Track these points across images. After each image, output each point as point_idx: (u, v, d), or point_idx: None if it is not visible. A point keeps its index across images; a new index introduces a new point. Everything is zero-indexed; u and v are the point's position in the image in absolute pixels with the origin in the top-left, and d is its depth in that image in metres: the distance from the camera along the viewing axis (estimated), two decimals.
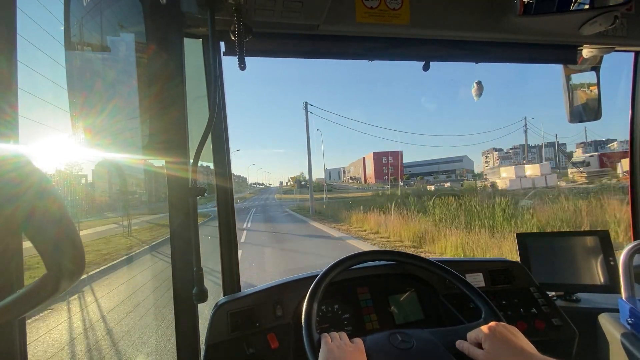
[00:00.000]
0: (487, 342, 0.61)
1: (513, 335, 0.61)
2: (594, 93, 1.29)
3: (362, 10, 0.91)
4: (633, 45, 1.16)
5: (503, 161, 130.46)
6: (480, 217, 8.26)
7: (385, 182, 72.31)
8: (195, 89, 0.94)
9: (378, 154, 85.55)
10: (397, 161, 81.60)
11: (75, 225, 0.26)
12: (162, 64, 0.85)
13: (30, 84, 1.00)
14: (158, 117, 0.84)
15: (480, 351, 0.61)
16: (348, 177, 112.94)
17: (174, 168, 0.86)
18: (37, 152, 0.77)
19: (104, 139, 0.77)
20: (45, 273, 0.26)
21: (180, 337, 0.87)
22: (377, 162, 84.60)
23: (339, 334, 0.68)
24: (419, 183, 52.67)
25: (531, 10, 0.91)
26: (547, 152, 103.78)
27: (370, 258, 0.90)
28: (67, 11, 0.68)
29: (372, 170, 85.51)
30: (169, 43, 0.86)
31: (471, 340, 0.65)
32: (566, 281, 1.13)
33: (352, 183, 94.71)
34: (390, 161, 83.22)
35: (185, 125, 0.88)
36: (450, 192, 17.47)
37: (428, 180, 64.09)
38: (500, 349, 0.59)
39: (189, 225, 0.85)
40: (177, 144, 0.86)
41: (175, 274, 0.87)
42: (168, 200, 0.86)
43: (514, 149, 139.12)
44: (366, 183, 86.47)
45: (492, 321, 0.67)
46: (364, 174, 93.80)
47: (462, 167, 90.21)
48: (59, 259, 0.25)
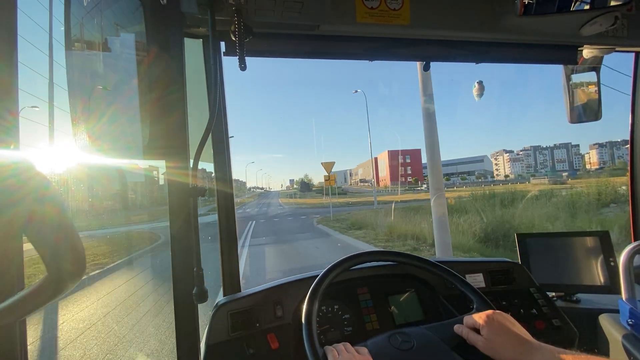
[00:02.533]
0: (485, 327, 0.62)
1: (509, 322, 0.63)
2: (594, 93, 1.29)
3: (362, 11, 0.91)
4: (633, 45, 1.16)
5: (514, 163, 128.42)
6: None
7: (403, 184, 65.50)
8: (195, 90, 0.94)
9: (393, 153, 76.18)
10: (416, 161, 73.00)
11: (75, 228, 0.26)
12: (162, 64, 0.85)
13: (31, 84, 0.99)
14: (158, 118, 0.84)
15: (479, 336, 0.62)
16: (356, 179, 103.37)
17: (174, 168, 0.86)
18: (38, 154, 0.77)
19: (104, 139, 0.77)
20: (45, 275, 0.26)
21: (180, 338, 0.87)
22: (392, 162, 75.40)
23: (344, 345, 0.66)
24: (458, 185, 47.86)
25: (531, 11, 0.91)
26: (559, 153, 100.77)
27: (370, 259, 0.90)
28: (68, 12, 0.68)
29: (387, 171, 76.50)
30: (169, 43, 0.86)
31: (468, 325, 0.66)
32: (566, 282, 1.13)
33: (363, 186, 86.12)
34: (407, 161, 74.76)
35: (185, 125, 0.88)
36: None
37: (454, 182, 59.91)
38: (498, 334, 0.60)
39: (189, 226, 0.85)
40: (177, 144, 0.86)
41: (175, 274, 0.87)
42: (168, 200, 0.86)
43: (525, 151, 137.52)
44: (379, 186, 77.41)
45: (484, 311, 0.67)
46: (376, 175, 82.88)
47: (482, 167, 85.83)
48: (59, 261, 0.25)
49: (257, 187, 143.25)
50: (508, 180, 56.05)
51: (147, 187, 16.22)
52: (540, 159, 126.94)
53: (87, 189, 9.26)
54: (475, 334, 0.63)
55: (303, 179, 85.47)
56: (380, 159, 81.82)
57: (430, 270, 0.87)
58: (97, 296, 4.56)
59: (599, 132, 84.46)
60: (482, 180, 58.66)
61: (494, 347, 0.59)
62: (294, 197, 51.51)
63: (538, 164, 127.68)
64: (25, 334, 0.49)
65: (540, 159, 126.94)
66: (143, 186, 16.28)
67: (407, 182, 69.62)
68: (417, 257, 0.91)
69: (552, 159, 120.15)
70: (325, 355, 0.63)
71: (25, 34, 0.53)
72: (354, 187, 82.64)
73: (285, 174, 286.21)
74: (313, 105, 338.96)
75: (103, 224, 10.47)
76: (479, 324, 0.63)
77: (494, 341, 0.60)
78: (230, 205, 1.03)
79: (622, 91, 1.36)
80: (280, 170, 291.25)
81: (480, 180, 60.39)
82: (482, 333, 0.62)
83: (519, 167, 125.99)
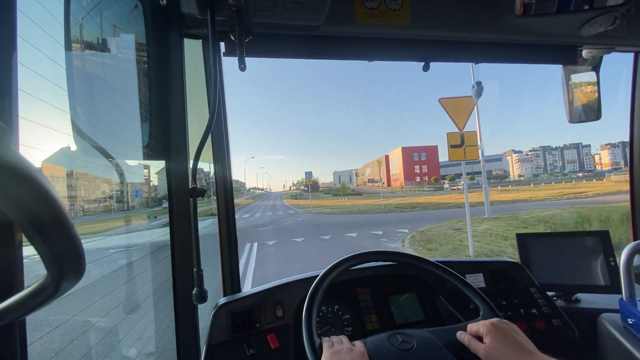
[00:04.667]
0: (489, 336, 0.60)
1: (514, 332, 0.61)
2: (594, 93, 1.29)
3: (362, 11, 0.92)
4: (633, 45, 1.17)
5: (523, 164, 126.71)
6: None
7: (420, 183, 59.10)
8: (195, 90, 0.94)
9: (408, 150, 67.83)
10: (432, 158, 65.12)
11: (75, 227, 0.26)
12: (162, 65, 0.85)
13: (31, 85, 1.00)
14: (158, 118, 0.84)
15: (481, 345, 0.61)
16: (363, 179, 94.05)
17: (174, 169, 0.86)
18: (38, 155, 0.77)
19: (104, 140, 0.77)
20: (45, 275, 0.26)
21: (181, 338, 0.87)
22: (406, 160, 66.87)
23: (340, 337, 0.67)
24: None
25: (531, 11, 0.91)
26: (569, 154, 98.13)
27: (370, 259, 0.90)
28: (67, 12, 0.68)
29: (400, 169, 67.65)
30: (169, 44, 0.86)
31: (471, 332, 0.65)
32: (566, 281, 1.13)
33: (373, 186, 78.44)
34: (423, 159, 66.15)
35: (185, 126, 0.88)
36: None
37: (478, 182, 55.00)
38: (502, 344, 0.59)
39: (189, 226, 0.85)
40: (177, 144, 0.86)
41: (176, 274, 0.87)
42: (168, 201, 0.86)
43: (534, 151, 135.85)
44: (390, 186, 70.25)
45: (490, 318, 0.67)
46: (387, 174, 76.05)
47: (500, 167, 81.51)
48: (59, 261, 0.25)
49: (257, 188, 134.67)
50: (522, 181, 52.74)
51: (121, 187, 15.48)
52: (550, 160, 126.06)
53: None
54: (478, 342, 0.62)
55: (314, 179, 78.37)
56: (392, 157, 75.18)
57: (435, 273, 0.86)
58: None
59: (602, 132, 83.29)
60: (499, 181, 55.20)
61: (497, 357, 0.58)
62: (300, 197, 46.63)
63: (548, 165, 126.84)
64: (25, 334, 0.49)
65: (550, 160, 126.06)
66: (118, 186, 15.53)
67: (422, 182, 62.16)
68: (417, 257, 0.91)
69: (562, 160, 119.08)
70: (322, 345, 0.65)
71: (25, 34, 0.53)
72: (363, 188, 75.24)
73: (286, 175, 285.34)
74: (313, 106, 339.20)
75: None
76: (483, 331, 0.62)
77: (497, 350, 0.58)
78: (230, 206, 1.03)
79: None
80: (281, 172, 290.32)
81: (496, 181, 56.60)
82: (485, 341, 0.61)
83: (528, 167, 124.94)
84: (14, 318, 0.28)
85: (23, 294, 0.27)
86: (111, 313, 1.22)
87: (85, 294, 1.14)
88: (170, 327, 0.88)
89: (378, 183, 79.90)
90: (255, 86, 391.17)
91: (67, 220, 0.25)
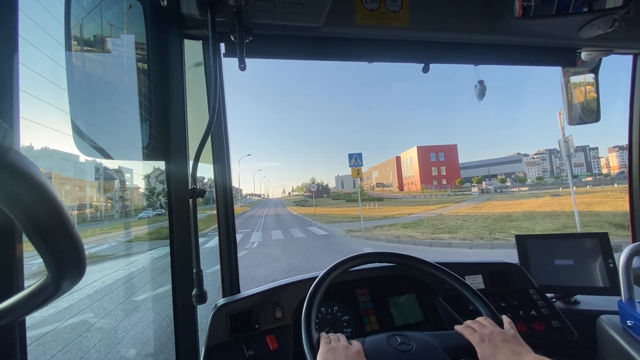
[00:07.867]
0: (478, 348, 0.62)
1: (503, 339, 0.62)
2: (593, 95, 1.29)
3: (362, 13, 0.92)
4: (632, 47, 1.17)
5: (529, 167, 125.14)
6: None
7: (438, 187, 52.07)
8: (195, 91, 0.94)
9: (424, 150, 58.95)
10: (451, 159, 57.67)
11: (76, 228, 0.26)
12: (162, 65, 0.85)
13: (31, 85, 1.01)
14: (158, 119, 0.84)
15: (477, 335, 0.64)
16: (369, 183, 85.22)
17: (173, 170, 0.86)
18: (38, 155, 0.77)
19: (104, 140, 0.77)
20: (46, 275, 0.26)
21: (180, 339, 0.87)
22: (423, 161, 58.28)
23: (338, 335, 0.68)
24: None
25: (530, 13, 0.91)
26: (576, 157, 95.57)
27: (370, 260, 0.89)
28: (68, 13, 0.68)
29: (416, 171, 58.84)
30: (169, 44, 0.87)
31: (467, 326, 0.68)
32: (565, 283, 1.13)
33: (382, 190, 69.65)
34: (441, 159, 58.25)
35: (185, 126, 0.88)
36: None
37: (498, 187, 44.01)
38: (492, 356, 0.60)
39: (188, 227, 0.85)
40: (176, 145, 0.86)
41: (175, 275, 0.87)
42: (168, 201, 0.86)
43: (540, 154, 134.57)
44: (402, 190, 62.25)
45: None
46: (398, 177, 67.43)
47: (520, 169, 73.33)
48: (59, 261, 0.25)
49: (254, 194, 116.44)
50: (538, 184, 47.03)
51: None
52: (557, 163, 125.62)
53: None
54: (474, 334, 0.65)
55: (320, 183, 68.07)
56: (404, 159, 66.49)
57: (435, 274, 0.85)
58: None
59: (605, 134, 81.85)
60: (514, 184, 47.92)
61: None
62: (306, 204, 36.57)
63: (554, 168, 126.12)
64: (25, 334, 0.49)
65: (557, 163, 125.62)
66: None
67: (440, 184, 54.92)
68: (417, 259, 0.90)
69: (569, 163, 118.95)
70: (319, 340, 0.65)
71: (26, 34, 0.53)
72: (374, 193, 65.48)
73: (285, 181, 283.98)
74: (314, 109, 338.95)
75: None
76: (474, 342, 0.63)
77: (492, 344, 0.61)
78: (230, 207, 1.03)
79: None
80: (278, 179, 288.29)
81: (510, 185, 48.53)
82: (478, 352, 0.62)
83: (535, 171, 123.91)
84: (14, 318, 0.28)
85: (23, 294, 0.27)
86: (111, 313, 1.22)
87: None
88: (169, 328, 0.87)
89: (388, 187, 71.19)
90: (255, 89, 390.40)
91: (68, 220, 0.25)
